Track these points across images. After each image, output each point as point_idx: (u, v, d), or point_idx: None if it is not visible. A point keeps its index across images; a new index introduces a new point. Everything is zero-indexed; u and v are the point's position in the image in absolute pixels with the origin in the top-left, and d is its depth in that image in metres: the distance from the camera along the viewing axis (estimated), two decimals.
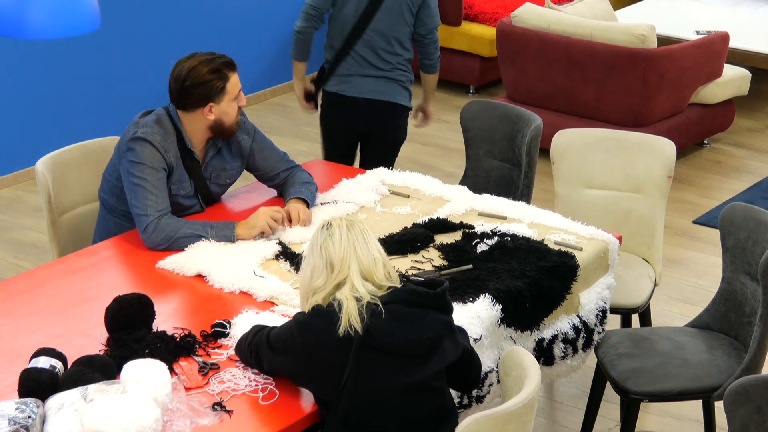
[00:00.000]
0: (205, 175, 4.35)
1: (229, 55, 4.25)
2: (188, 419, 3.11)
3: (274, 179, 4.50)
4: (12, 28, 3.55)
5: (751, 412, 3.23)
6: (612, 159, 4.77)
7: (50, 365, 3.15)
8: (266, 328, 3.35)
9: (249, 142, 4.42)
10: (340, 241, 3.23)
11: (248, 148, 4.42)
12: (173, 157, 4.22)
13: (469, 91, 8.42)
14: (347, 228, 3.25)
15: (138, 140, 4.15)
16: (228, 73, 4.19)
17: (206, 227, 4.10)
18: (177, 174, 4.25)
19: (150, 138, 4.16)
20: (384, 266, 3.25)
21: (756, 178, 7.03)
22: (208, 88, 4.16)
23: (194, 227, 4.10)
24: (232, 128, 4.27)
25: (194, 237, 4.08)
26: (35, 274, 3.96)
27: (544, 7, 7.12)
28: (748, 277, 4.07)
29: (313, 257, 3.25)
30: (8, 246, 6.17)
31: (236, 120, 4.26)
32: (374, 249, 3.26)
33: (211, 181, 4.39)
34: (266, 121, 7.86)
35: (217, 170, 4.39)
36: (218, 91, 4.17)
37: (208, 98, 4.18)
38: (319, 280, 3.23)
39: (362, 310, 3.14)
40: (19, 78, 6.73)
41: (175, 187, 4.26)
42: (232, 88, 4.20)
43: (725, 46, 7.13)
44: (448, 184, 4.58)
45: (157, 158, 4.16)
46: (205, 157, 4.33)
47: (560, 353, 4.00)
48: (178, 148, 4.23)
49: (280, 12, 8.23)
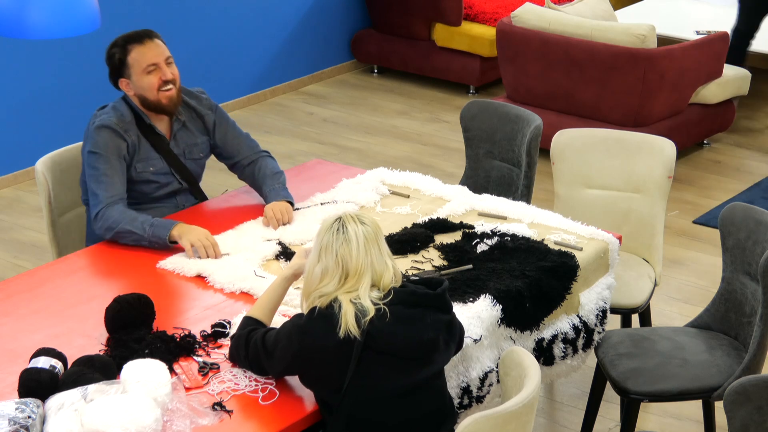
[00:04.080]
0: (177, 151, 4.37)
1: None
2: (188, 419, 3.11)
3: (240, 165, 4.50)
4: (12, 28, 3.55)
5: (751, 412, 3.24)
6: (612, 159, 4.77)
7: (50, 365, 3.15)
8: (258, 330, 3.33)
9: (213, 117, 4.46)
10: (358, 252, 3.15)
11: (213, 123, 4.45)
12: (134, 135, 4.25)
13: (469, 91, 8.42)
14: (365, 237, 3.17)
15: (94, 129, 4.21)
16: (130, 46, 4.22)
17: (145, 225, 4.07)
18: (142, 151, 4.28)
19: (106, 122, 4.21)
20: (392, 270, 3.22)
21: (756, 178, 7.03)
22: (111, 63, 4.26)
23: (134, 224, 4.08)
24: (161, 102, 4.25)
25: (132, 234, 4.07)
26: (35, 274, 3.96)
27: (544, 7, 7.12)
28: (748, 277, 4.07)
29: (326, 259, 3.17)
30: (8, 246, 6.17)
31: (166, 94, 4.24)
32: (386, 254, 3.22)
33: (186, 158, 4.40)
34: (266, 121, 7.86)
35: (188, 145, 4.41)
36: (121, 65, 4.23)
37: (118, 74, 4.25)
38: (330, 285, 3.16)
39: (362, 316, 3.12)
40: (19, 78, 6.73)
41: (142, 164, 4.28)
42: (136, 61, 4.22)
43: (725, 46, 7.13)
44: (448, 184, 4.58)
45: (115, 142, 4.20)
46: (171, 133, 4.35)
47: (560, 353, 4.00)
48: (138, 127, 4.26)
49: (280, 12, 8.23)
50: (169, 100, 4.26)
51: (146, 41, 4.23)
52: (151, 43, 4.23)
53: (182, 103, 4.37)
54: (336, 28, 8.69)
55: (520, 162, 4.84)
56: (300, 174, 4.74)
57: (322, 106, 8.17)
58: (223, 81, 7.89)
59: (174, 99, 4.27)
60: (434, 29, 8.38)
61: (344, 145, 7.49)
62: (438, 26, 8.34)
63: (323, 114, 8.02)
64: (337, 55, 8.78)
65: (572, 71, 6.90)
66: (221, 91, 7.91)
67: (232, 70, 7.94)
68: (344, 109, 8.12)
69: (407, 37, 8.52)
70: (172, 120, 4.35)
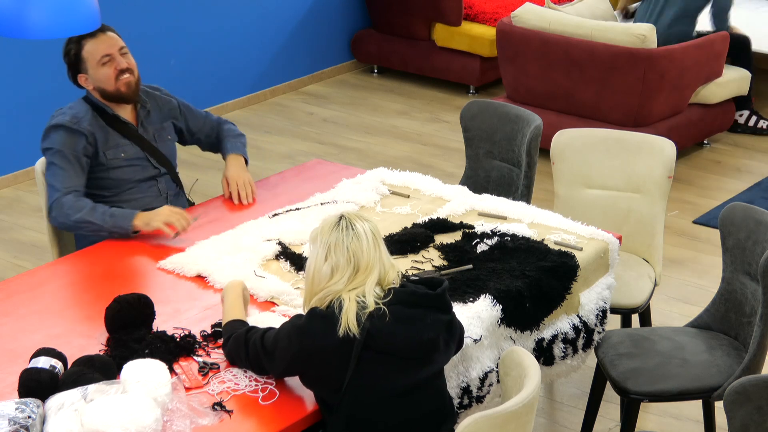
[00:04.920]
0: (147, 136, 4.43)
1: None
2: (188, 419, 3.11)
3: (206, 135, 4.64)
4: (12, 28, 3.55)
5: (751, 412, 3.23)
6: (612, 159, 4.77)
7: (50, 365, 3.15)
8: (255, 329, 3.32)
9: (175, 102, 4.57)
10: (368, 246, 3.16)
11: (177, 107, 4.56)
12: (95, 127, 4.29)
13: (469, 91, 8.42)
14: (372, 233, 3.18)
15: (48, 131, 4.28)
16: (84, 41, 4.28)
17: (105, 215, 4.12)
18: (111, 140, 4.33)
19: (59, 122, 4.28)
20: (394, 269, 3.23)
21: (756, 178, 7.03)
22: (68, 59, 4.34)
23: (93, 215, 4.13)
24: (120, 90, 4.32)
25: (91, 224, 4.13)
26: (35, 274, 3.96)
27: (544, 7, 7.12)
28: (748, 277, 4.07)
29: (336, 256, 3.16)
30: (8, 246, 6.17)
31: (124, 81, 4.31)
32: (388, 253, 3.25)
33: (158, 142, 4.46)
34: (266, 121, 7.86)
35: (156, 129, 4.48)
36: (77, 60, 4.31)
37: (76, 69, 4.33)
38: (339, 282, 3.15)
39: (362, 314, 3.12)
40: (19, 78, 6.73)
41: (112, 151, 4.33)
42: (91, 54, 4.29)
43: (725, 46, 7.13)
44: (448, 184, 4.58)
45: (71, 139, 4.25)
46: (138, 120, 4.41)
47: (560, 353, 4.00)
48: (101, 118, 4.31)
49: (280, 12, 8.23)
50: (128, 87, 4.33)
51: (99, 34, 4.30)
52: (103, 36, 4.31)
53: (144, 92, 4.46)
54: (336, 28, 8.69)
55: (520, 162, 4.84)
56: (300, 174, 4.74)
57: (322, 106, 8.17)
58: (223, 81, 7.89)
59: (132, 86, 4.35)
60: (434, 29, 8.38)
61: (344, 145, 7.49)
62: (438, 26, 8.34)
63: (323, 114, 8.02)
64: (337, 55, 8.78)
65: (572, 71, 6.90)
66: (221, 91, 7.92)
67: (232, 70, 7.94)
68: (344, 109, 8.12)
69: (407, 37, 8.53)
70: (136, 108, 4.43)
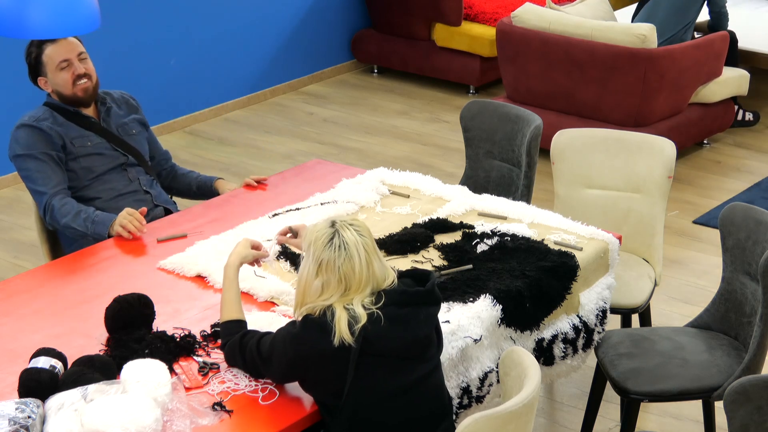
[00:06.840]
0: (113, 130, 4.49)
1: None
2: (188, 419, 3.11)
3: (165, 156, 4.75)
4: (12, 28, 3.55)
5: (751, 412, 3.23)
6: (612, 159, 4.77)
7: (50, 365, 3.15)
8: (251, 334, 3.32)
9: (135, 103, 4.66)
10: (361, 267, 3.14)
11: (136, 106, 4.65)
12: (55, 125, 4.35)
13: (469, 91, 8.42)
14: (365, 251, 3.15)
15: (13, 134, 4.36)
16: (44, 45, 4.35)
17: (87, 222, 4.22)
18: (75, 131, 4.39)
19: (23, 122, 4.36)
20: (390, 276, 3.22)
21: (756, 178, 7.03)
22: (29, 62, 4.40)
23: (77, 221, 4.23)
24: (77, 95, 4.39)
25: (75, 230, 4.24)
26: (35, 274, 3.97)
27: (544, 7, 7.12)
28: (748, 277, 4.07)
29: (327, 275, 3.14)
30: (8, 246, 6.17)
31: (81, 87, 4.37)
32: (382, 258, 3.22)
33: (123, 135, 4.52)
34: (266, 121, 7.86)
35: (119, 124, 4.54)
36: (37, 63, 4.38)
37: (36, 72, 4.40)
38: (330, 299, 3.14)
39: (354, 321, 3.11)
40: (19, 78, 6.72)
41: (79, 140, 4.39)
42: (50, 58, 4.36)
43: (725, 46, 7.13)
44: (448, 184, 4.58)
45: (37, 136, 4.32)
46: (99, 117, 4.48)
47: (560, 353, 4.00)
48: (62, 116, 4.37)
49: (280, 12, 8.23)
50: (85, 92, 4.40)
51: (59, 39, 4.34)
52: (63, 41, 4.36)
53: (104, 92, 4.53)
54: (336, 28, 8.69)
55: (520, 162, 4.84)
56: (300, 174, 4.74)
57: (322, 106, 8.17)
58: (223, 81, 7.89)
59: (90, 91, 4.42)
60: (434, 29, 8.38)
61: (344, 145, 7.49)
62: (438, 26, 8.34)
63: (323, 114, 8.02)
64: (337, 55, 8.78)
65: (572, 71, 6.90)
66: (221, 91, 7.91)
67: (232, 70, 7.94)
68: (344, 109, 8.12)
69: (407, 37, 8.52)
70: (97, 105, 4.50)
